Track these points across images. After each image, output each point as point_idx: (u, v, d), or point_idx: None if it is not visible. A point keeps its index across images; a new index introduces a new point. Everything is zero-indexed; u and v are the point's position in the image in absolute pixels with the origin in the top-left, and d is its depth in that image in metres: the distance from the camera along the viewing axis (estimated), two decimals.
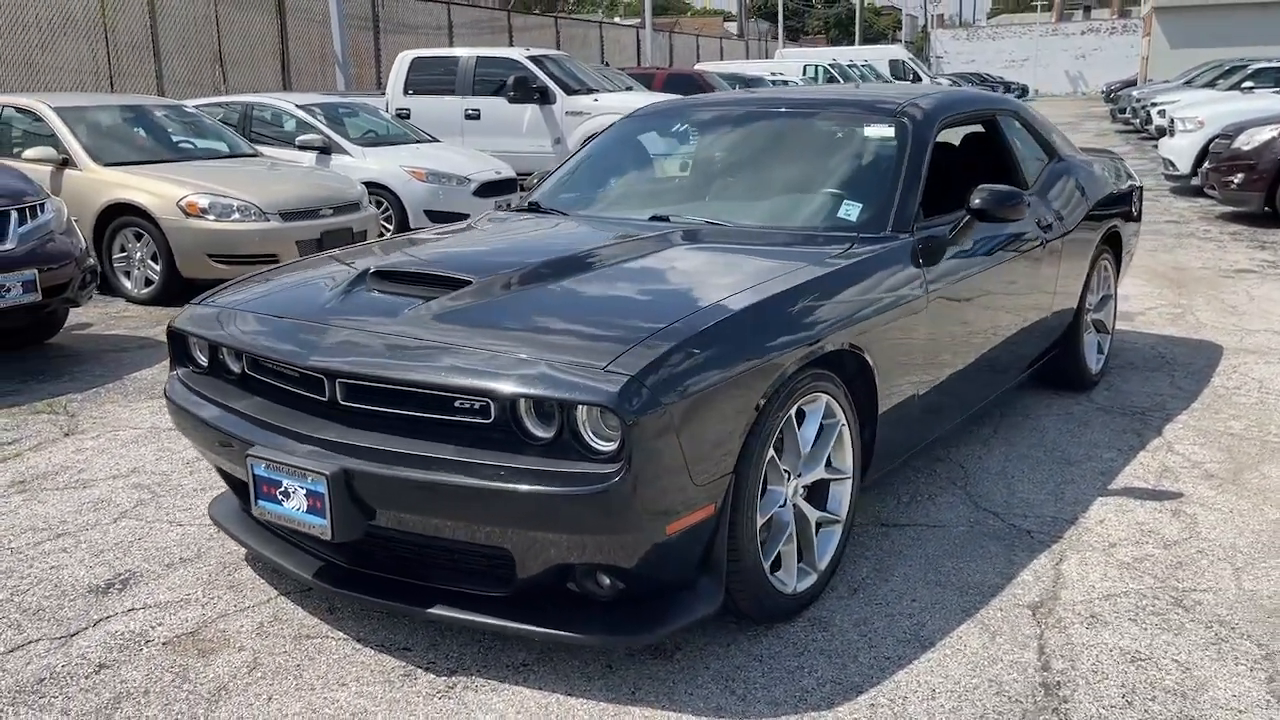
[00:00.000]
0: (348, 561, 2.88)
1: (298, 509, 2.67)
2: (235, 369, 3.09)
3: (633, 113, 4.58)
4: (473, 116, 12.53)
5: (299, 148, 9.64)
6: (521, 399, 2.49)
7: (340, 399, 2.73)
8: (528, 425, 2.52)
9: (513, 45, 21.54)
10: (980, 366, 3.89)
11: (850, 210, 3.55)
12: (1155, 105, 18.15)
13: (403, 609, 2.75)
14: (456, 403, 2.57)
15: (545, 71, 12.48)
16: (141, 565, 3.37)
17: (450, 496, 2.50)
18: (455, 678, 2.72)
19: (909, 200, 3.55)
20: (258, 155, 8.87)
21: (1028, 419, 4.69)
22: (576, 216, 3.93)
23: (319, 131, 9.82)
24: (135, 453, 4.42)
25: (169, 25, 15.61)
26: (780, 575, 2.91)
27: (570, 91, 12.38)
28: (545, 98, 12.27)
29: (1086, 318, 5.04)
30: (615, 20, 45.58)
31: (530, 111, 12.31)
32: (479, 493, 2.46)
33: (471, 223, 4.07)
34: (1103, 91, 38.04)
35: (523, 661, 2.78)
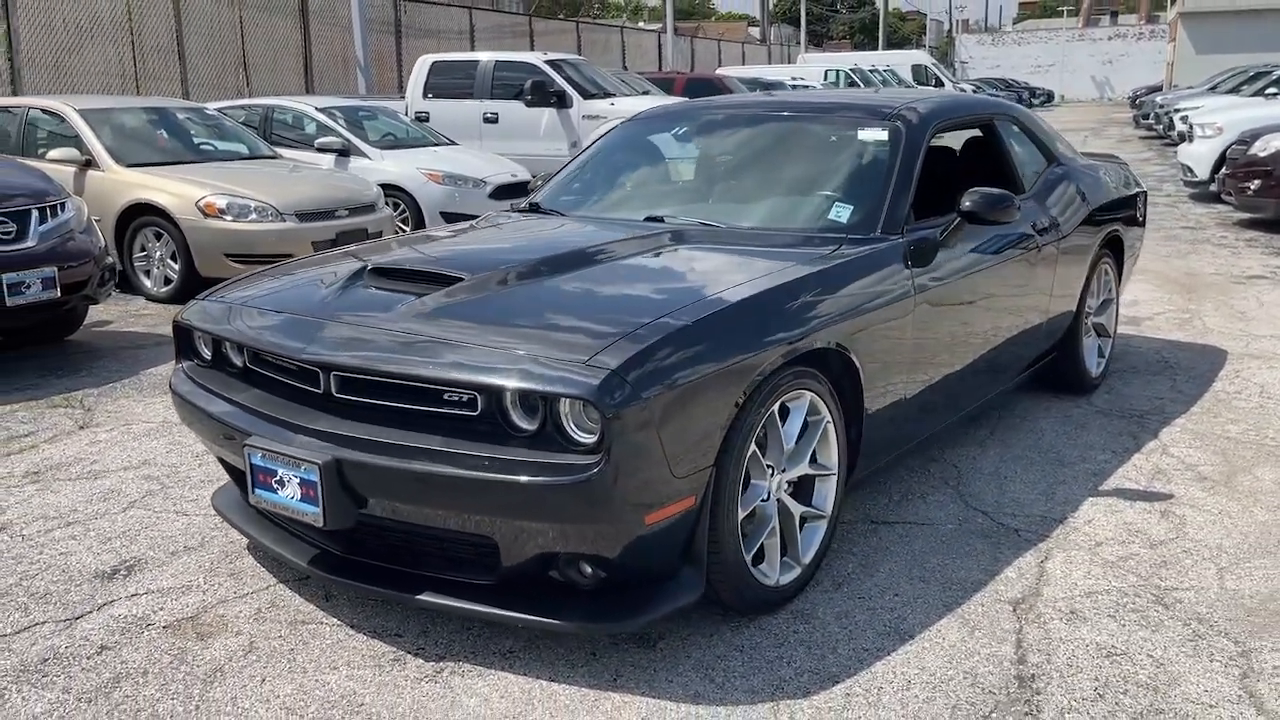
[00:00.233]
0: (342, 549, 2.96)
1: (292, 497, 2.76)
2: (237, 362, 3.19)
3: (634, 116, 4.67)
4: (491, 120, 12.65)
5: (318, 150, 9.78)
6: (506, 392, 2.57)
7: (334, 391, 2.81)
8: (513, 417, 2.59)
9: (534, 50, 21.66)
10: (973, 367, 3.94)
11: (841, 212, 3.61)
12: (1178, 111, 18.03)
13: (393, 595, 2.84)
14: (445, 395, 2.65)
15: (563, 76, 12.60)
16: (147, 553, 3.47)
17: (437, 486, 2.58)
18: (443, 663, 2.80)
19: (899, 202, 3.61)
20: (277, 157, 9.02)
21: (1025, 421, 4.73)
22: (575, 217, 4.01)
23: (338, 134, 9.96)
24: (146, 445, 4.53)
25: (194, 29, 15.85)
26: (763, 568, 2.97)
27: (587, 95, 12.49)
28: (562, 101, 12.38)
29: (1087, 321, 5.07)
30: (639, 25, 45.68)
31: (547, 115, 12.43)
32: (464, 482, 2.54)
33: (474, 223, 4.16)
34: (1129, 97, 37.79)
35: (509, 648, 2.86)
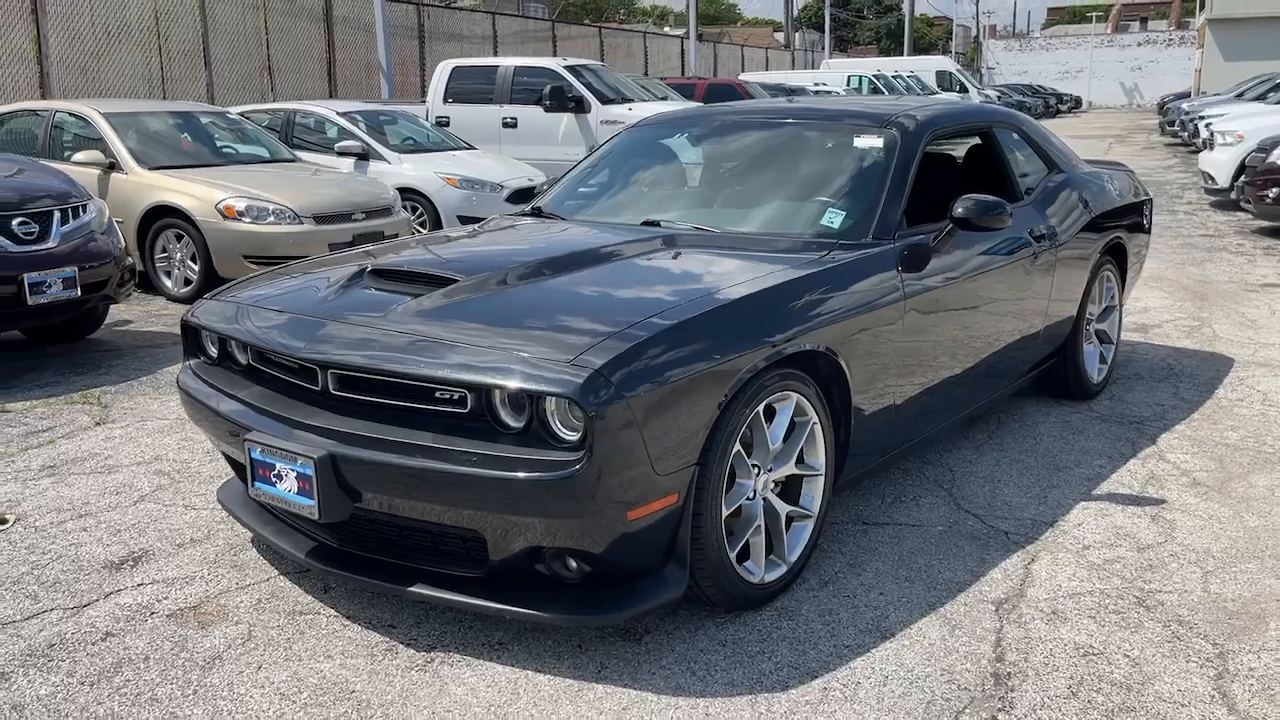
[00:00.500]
0: (338, 542, 3.05)
1: (289, 490, 2.85)
2: (241, 360, 3.29)
3: (638, 123, 4.74)
4: (510, 125, 12.78)
5: (338, 154, 9.93)
6: (495, 390, 2.65)
7: (331, 389, 2.90)
8: (501, 415, 2.67)
9: (556, 55, 21.81)
10: (968, 371, 3.98)
11: (833, 218, 3.67)
12: (1203, 118, 17.92)
13: (386, 587, 2.92)
14: (436, 393, 2.73)
15: (581, 81, 12.70)
16: (154, 545, 3.58)
17: (426, 480, 2.66)
18: (434, 653, 2.88)
19: (892, 209, 3.67)
20: (297, 161, 9.16)
21: (1023, 425, 4.76)
22: (574, 221, 4.09)
23: (358, 138, 10.10)
24: (160, 441, 4.65)
25: (220, 34, 16.10)
26: (748, 565, 3.03)
27: (605, 101, 12.59)
28: (580, 106, 12.49)
29: (1089, 328, 5.10)
30: (664, 31, 45.79)
31: (566, 120, 12.54)
32: (452, 477, 2.62)
33: (477, 227, 4.25)
34: (1158, 104, 37.53)
35: (499, 640, 2.94)
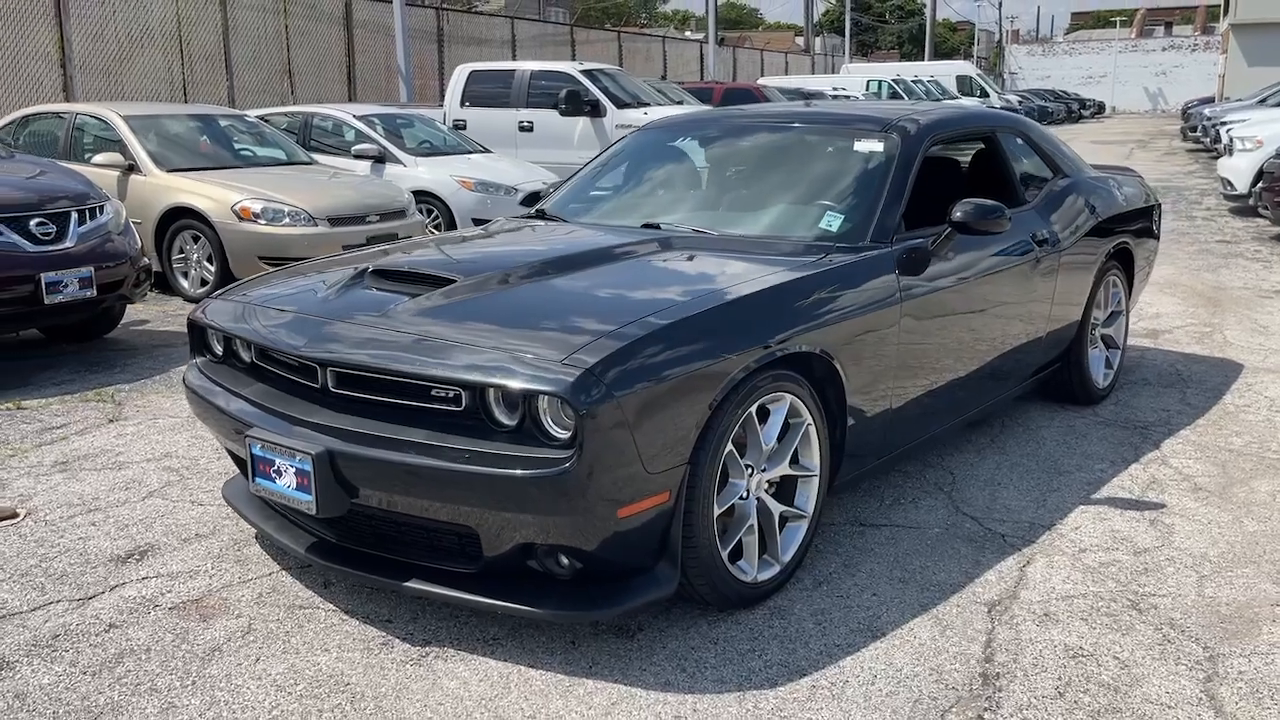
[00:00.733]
0: (337, 537, 3.10)
1: (288, 486, 2.91)
2: (245, 358, 3.35)
3: (643, 126, 4.79)
4: (526, 128, 12.85)
5: (354, 156, 10.02)
6: (489, 388, 2.69)
7: (331, 386, 2.96)
8: (495, 413, 2.72)
9: (574, 59, 21.89)
10: (967, 374, 3.99)
11: (832, 221, 3.69)
12: (1224, 124, 17.79)
13: (383, 582, 2.97)
14: (432, 391, 2.78)
15: (597, 85, 12.76)
16: (161, 539, 3.64)
17: (421, 477, 2.70)
18: (428, 648, 2.92)
19: (890, 212, 3.69)
20: (313, 163, 9.26)
21: (1027, 430, 4.77)
22: (576, 223, 4.14)
23: (374, 141, 10.19)
24: (170, 439, 4.72)
25: (241, 38, 16.28)
26: (741, 564, 3.06)
27: (621, 105, 12.64)
28: (596, 110, 12.55)
29: (1095, 333, 5.10)
30: (683, 35, 45.85)
31: (581, 124, 12.60)
32: (446, 474, 2.66)
33: (482, 229, 4.31)
34: (1181, 110, 37.29)
35: (494, 636, 2.98)
